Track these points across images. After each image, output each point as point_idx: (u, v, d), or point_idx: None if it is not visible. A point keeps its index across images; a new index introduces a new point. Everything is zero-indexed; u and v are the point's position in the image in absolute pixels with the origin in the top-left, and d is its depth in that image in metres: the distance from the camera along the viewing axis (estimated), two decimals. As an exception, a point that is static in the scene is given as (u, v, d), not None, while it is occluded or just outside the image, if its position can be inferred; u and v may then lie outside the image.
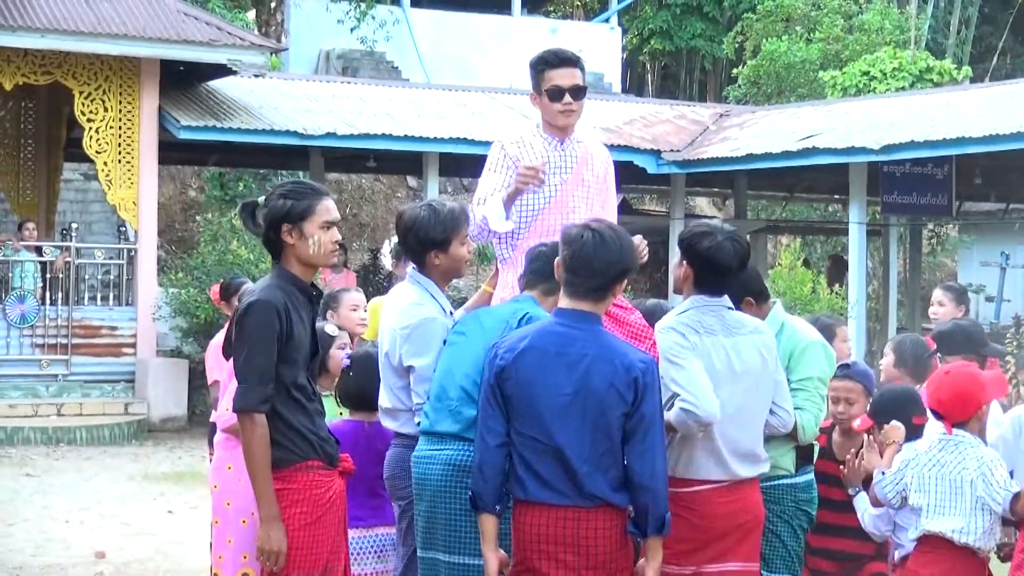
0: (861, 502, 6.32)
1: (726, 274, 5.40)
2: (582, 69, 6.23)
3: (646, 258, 5.68)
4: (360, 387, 6.17)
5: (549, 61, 6.18)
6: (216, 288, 8.83)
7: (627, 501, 4.87)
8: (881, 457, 6.20)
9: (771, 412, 5.49)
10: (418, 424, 5.56)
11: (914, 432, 6.27)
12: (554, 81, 6.11)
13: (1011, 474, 5.80)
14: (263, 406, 4.94)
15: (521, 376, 4.84)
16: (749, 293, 5.78)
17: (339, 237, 5.16)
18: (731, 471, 5.32)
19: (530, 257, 5.64)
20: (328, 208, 5.09)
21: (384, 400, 5.76)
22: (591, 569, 4.82)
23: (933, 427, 6.13)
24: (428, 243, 5.69)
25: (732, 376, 5.30)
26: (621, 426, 4.83)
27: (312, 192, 5.10)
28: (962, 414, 5.74)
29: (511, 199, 5.91)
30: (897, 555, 6.18)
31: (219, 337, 8.63)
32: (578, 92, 6.13)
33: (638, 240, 5.42)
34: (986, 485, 5.65)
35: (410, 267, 6.05)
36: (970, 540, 5.67)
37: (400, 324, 5.66)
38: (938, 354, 7.30)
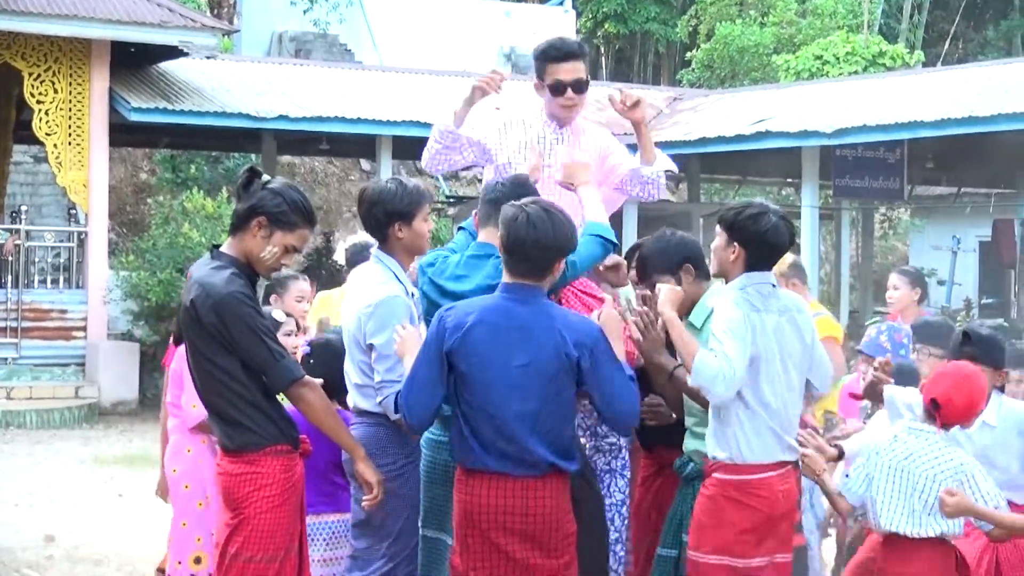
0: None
1: (781, 253, 5.40)
2: (585, 60, 6.34)
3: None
4: (320, 376, 6.11)
5: (551, 55, 6.24)
6: None
7: (573, 466, 5.02)
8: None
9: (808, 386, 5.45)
10: (379, 402, 5.56)
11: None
12: (556, 75, 6.25)
13: None
14: (303, 371, 5.16)
15: (472, 351, 4.94)
16: (692, 263, 5.69)
17: (289, 263, 5.31)
18: (788, 452, 5.29)
19: (485, 193, 5.83)
20: (303, 237, 5.23)
21: (356, 376, 5.73)
22: (538, 535, 4.94)
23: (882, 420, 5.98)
24: (393, 214, 5.70)
25: (781, 355, 5.27)
26: (573, 393, 4.98)
27: (306, 216, 5.19)
28: (966, 419, 5.34)
29: (466, 107, 6.42)
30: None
31: None
32: (580, 86, 6.25)
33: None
34: (965, 488, 5.19)
35: (374, 248, 6.05)
36: (931, 532, 5.23)
37: (364, 303, 5.65)
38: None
